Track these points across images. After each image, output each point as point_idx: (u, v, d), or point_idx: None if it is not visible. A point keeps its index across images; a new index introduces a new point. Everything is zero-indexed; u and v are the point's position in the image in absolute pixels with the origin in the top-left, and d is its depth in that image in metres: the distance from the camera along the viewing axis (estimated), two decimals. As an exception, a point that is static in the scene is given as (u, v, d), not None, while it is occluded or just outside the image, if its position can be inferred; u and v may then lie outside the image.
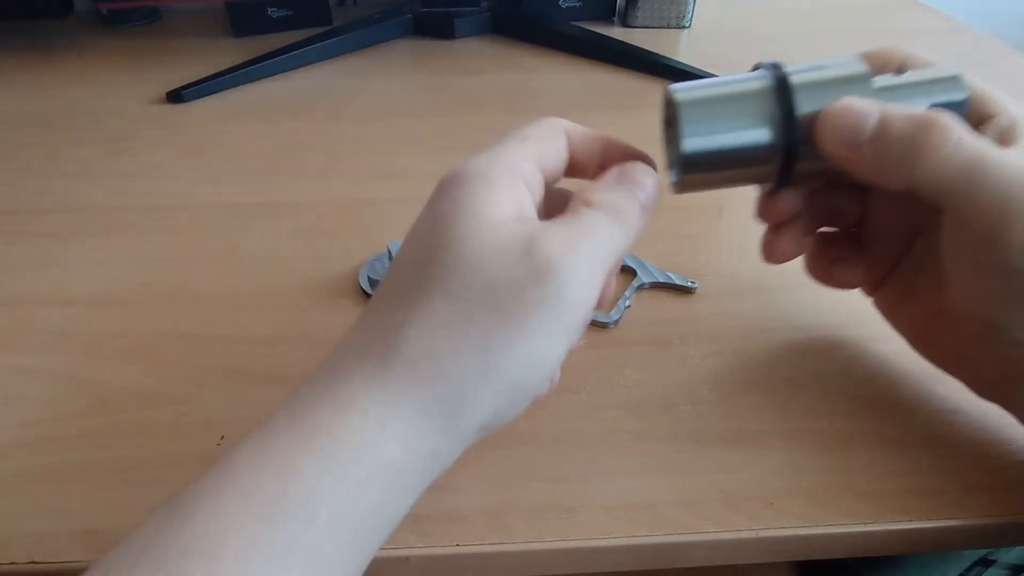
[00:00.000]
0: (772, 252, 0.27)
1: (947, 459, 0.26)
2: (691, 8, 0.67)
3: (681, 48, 0.64)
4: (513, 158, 0.22)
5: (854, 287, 0.29)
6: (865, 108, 0.22)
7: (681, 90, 0.23)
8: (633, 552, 0.24)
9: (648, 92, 0.55)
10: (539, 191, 0.23)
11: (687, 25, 0.68)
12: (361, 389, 0.19)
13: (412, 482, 0.20)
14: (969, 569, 0.41)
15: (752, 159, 0.23)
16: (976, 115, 0.23)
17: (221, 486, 0.17)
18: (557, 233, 0.20)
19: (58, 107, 0.54)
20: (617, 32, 0.67)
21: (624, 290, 0.34)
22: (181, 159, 0.47)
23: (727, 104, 0.23)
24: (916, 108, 0.22)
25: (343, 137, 0.49)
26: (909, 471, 0.26)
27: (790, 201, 0.25)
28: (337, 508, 0.18)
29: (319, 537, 0.17)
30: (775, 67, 0.23)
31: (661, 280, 0.35)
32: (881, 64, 0.24)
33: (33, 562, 0.23)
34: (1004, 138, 0.22)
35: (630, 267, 0.35)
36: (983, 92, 0.23)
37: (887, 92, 0.22)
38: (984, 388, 0.26)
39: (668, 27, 0.68)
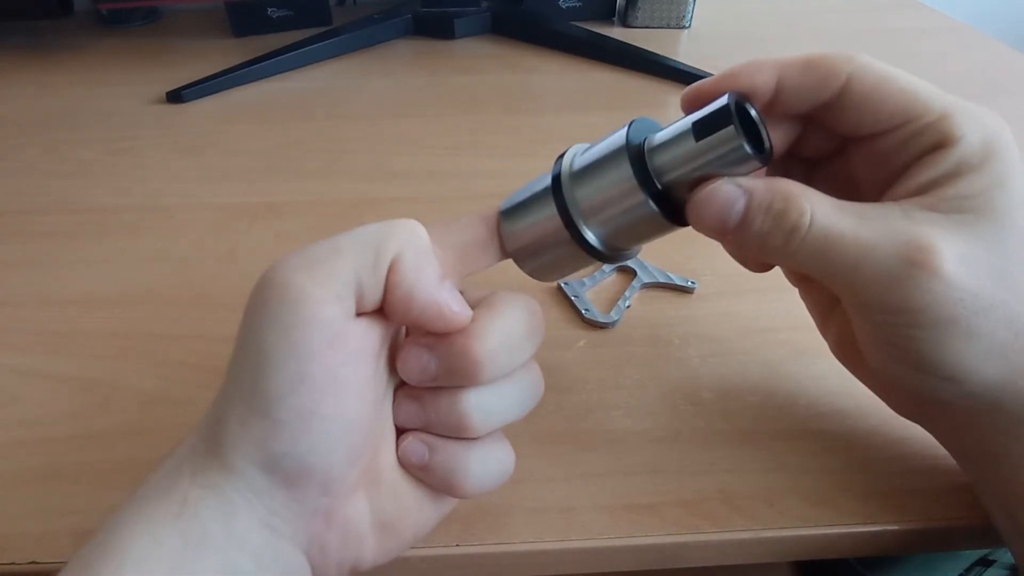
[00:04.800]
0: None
1: (947, 459, 0.26)
2: (691, 8, 0.67)
3: (681, 48, 0.64)
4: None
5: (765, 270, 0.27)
6: (730, 197, 0.21)
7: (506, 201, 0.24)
8: (633, 552, 0.24)
9: (648, 92, 0.55)
10: (408, 253, 0.21)
11: (687, 25, 0.68)
12: (179, 447, 0.20)
13: (215, 523, 0.18)
14: (969, 569, 0.41)
15: (561, 251, 0.23)
16: (938, 136, 0.20)
17: None
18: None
19: (58, 107, 0.54)
20: (617, 32, 0.67)
21: (624, 290, 0.34)
22: (181, 159, 0.47)
23: (528, 205, 0.23)
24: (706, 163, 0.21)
25: (343, 137, 0.49)
26: (909, 471, 0.26)
27: None
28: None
29: None
30: (559, 159, 0.23)
31: (661, 280, 0.35)
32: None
33: (33, 562, 0.23)
34: (942, 181, 0.20)
35: (630, 267, 0.35)
36: (947, 112, 0.20)
37: (658, 152, 0.21)
38: (901, 411, 0.26)
39: (668, 27, 0.68)
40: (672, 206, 0.22)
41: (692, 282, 0.34)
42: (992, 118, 0.21)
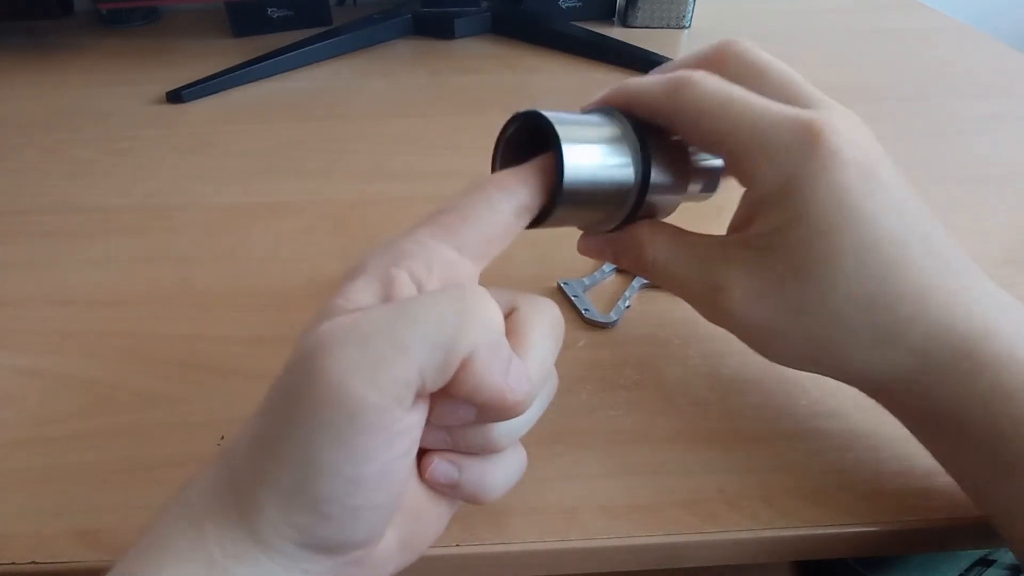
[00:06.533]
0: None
1: (947, 459, 0.26)
2: (691, 8, 0.67)
3: (681, 48, 0.64)
4: (401, 244, 0.21)
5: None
6: (598, 243, 0.27)
7: (557, 121, 0.22)
8: (633, 552, 0.24)
9: (648, 92, 0.55)
10: (435, 273, 0.20)
11: (687, 25, 0.68)
12: (193, 488, 0.19)
13: None
14: (969, 569, 0.41)
15: (613, 198, 0.23)
16: (740, 175, 0.23)
17: None
18: (354, 313, 0.18)
19: (58, 107, 0.54)
20: (617, 32, 0.67)
21: (624, 290, 0.34)
22: (181, 159, 0.47)
23: (601, 144, 0.22)
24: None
25: (343, 137, 0.49)
26: (909, 471, 0.26)
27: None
28: None
29: None
30: (613, 112, 0.24)
31: (661, 280, 0.35)
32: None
33: (33, 562, 0.23)
34: (748, 217, 0.23)
35: (630, 267, 0.35)
36: (747, 151, 0.22)
37: None
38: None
39: (668, 27, 0.68)
40: None
41: (692, 282, 0.34)
42: (796, 151, 0.21)
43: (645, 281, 0.34)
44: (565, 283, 0.34)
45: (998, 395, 0.20)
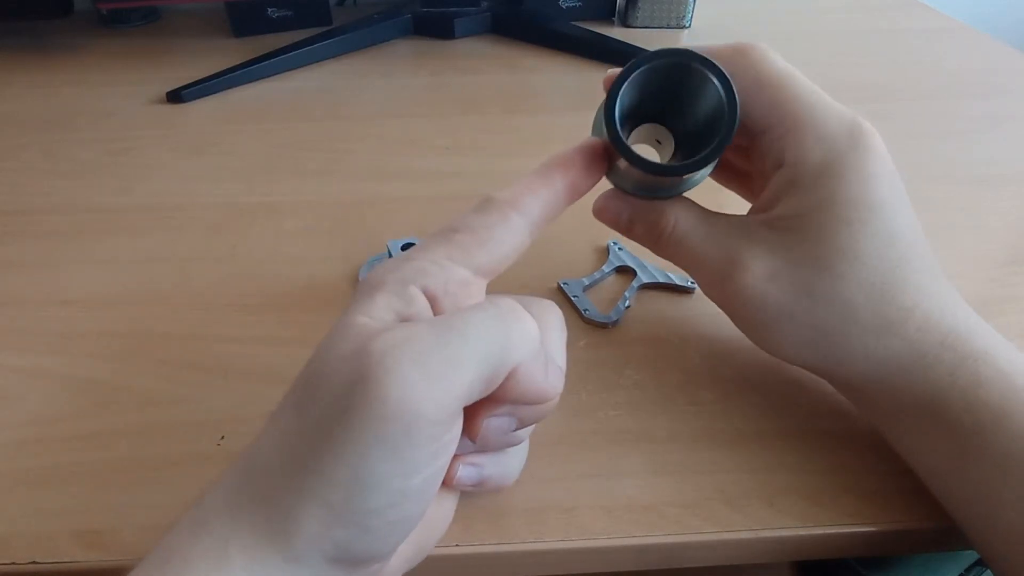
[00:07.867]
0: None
1: (947, 459, 0.26)
2: (691, 8, 0.67)
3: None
4: (418, 262, 0.20)
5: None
6: (619, 208, 0.27)
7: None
8: (633, 552, 0.24)
9: (648, 92, 0.55)
10: (450, 293, 0.20)
11: (687, 25, 0.68)
12: (211, 505, 0.18)
13: None
14: (969, 569, 0.41)
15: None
16: (780, 153, 0.23)
17: None
18: (400, 330, 0.18)
19: (58, 107, 0.54)
20: (617, 32, 0.67)
21: (624, 290, 0.34)
22: (181, 159, 0.47)
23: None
24: None
25: (343, 137, 0.49)
26: (909, 471, 0.26)
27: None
28: None
29: None
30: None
31: (661, 280, 0.35)
32: None
33: (33, 562, 0.23)
34: (777, 198, 0.24)
35: (630, 267, 0.35)
36: (792, 129, 0.23)
37: None
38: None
39: (668, 27, 0.68)
40: None
41: (692, 282, 0.34)
42: (844, 136, 0.22)
43: (645, 281, 0.34)
44: (565, 283, 0.34)
45: (977, 385, 0.22)
